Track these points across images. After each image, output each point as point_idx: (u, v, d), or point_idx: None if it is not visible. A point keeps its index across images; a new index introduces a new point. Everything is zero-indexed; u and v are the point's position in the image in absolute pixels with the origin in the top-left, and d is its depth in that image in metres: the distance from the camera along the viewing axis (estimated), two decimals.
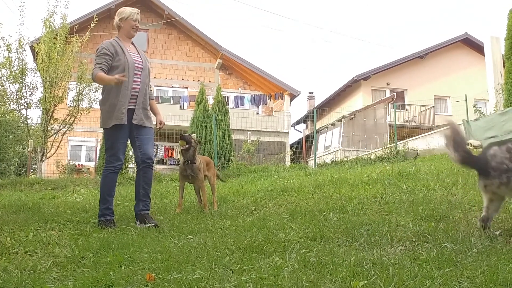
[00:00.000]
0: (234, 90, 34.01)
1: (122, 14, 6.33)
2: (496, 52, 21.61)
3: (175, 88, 33.51)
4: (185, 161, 7.35)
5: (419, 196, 6.74)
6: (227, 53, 33.22)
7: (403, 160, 15.38)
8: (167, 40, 34.17)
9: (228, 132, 21.63)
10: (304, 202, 7.37)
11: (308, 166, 17.27)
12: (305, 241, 4.53)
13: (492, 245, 3.99)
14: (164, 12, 32.77)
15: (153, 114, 6.61)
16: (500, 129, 16.57)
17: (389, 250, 4.08)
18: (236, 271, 3.59)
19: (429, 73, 36.18)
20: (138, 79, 6.19)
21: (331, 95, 38.58)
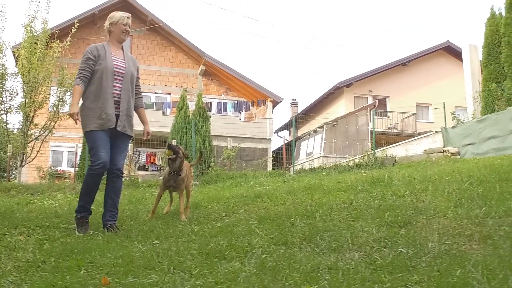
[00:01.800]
0: (217, 96, 34.07)
1: (112, 19, 6.34)
2: (474, 60, 21.88)
3: (158, 94, 33.51)
4: (171, 172, 7.17)
5: (388, 203, 6.81)
6: (210, 59, 33.28)
7: (381, 167, 15.49)
8: (150, 46, 34.17)
9: (209, 138, 21.65)
10: (275, 208, 7.41)
11: (287, 173, 17.32)
12: (268, 246, 4.59)
13: (447, 250, 4.07)
14: (147, 18, 32.79)
15: (141, 122, 6.64)
16: (477, 136, 16.78)
17: (348, 255, 4.15)
18: (194, 275, 3.64)
19: (411, 81, 36.49)
20: (118, 84, 6.14)
21: (313, 102, 38.77)
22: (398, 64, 37.02)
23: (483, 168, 9.78)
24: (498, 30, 20.70)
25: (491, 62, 20.75)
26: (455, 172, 9.72)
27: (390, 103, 36.43)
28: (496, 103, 19.22)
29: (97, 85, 6.02)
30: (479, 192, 6.85)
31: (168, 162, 7.17)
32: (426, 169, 11.66)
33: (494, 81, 20.26)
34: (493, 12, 21.50)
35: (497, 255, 3.78)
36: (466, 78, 22.38)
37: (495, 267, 3.42)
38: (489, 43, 21.02)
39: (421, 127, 32.46)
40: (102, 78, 6.02)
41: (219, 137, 26.23)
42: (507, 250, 3.91)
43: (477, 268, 3.37)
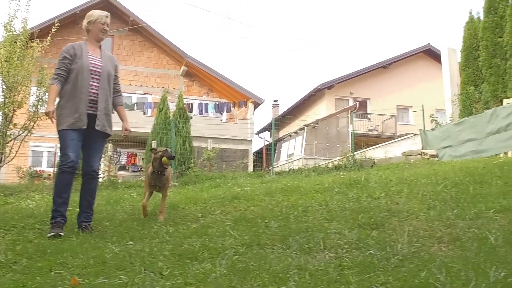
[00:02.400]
0: (199, 97, 34.05)
1: (91, 17, 6.30)
2: (453, 64, 22.10)
3: (139, 95, 33.42)
4: (155, 172, 7.10)
5: (363, 204, 6.86)
6: (192, 60, 33.26)
7: (360, 169, 15.58)
8: (132, 47, 34.08)
9: (189, 139, 21.65)
10: (251, 209, 7.44)
11: (267, 174, 17.39)
12: (240, 247, 4.62)
13: (416, 252, 4.13)
14: (129, 18, 32.70)
15: (120, 120, 6.61)
16: (455, 138, 16.94)
17: (319, 256, 4.20)
18: (165, 276, 3.68)
19: (392, 83, 36.73)
20: (95, 83, 6.11)
21: (295, 104, 38.90)
22: (379, 67, 37.27)
23: (459, 171, 9.89)
24: (476, 34, 20.92)
25: (469, 66, 20.96)
26: (431, 174, 9.82)
27: (371, 105, 36.66)
28: (473, 106, 19.45)
29: (73, 84, 6.00)
30: (452, 194, 6.93)
31: (153, 162, 7.09)
32: (403, 171, 11.76)
33: (472, 84, 20.49)
34: (471, 16, 21.72)
35: (464, 257, 3.84)
36: (445, 81, 22.61)
37: (460, 268, 3.48)
38: (468, 46, 21.23)
39: (402, 129, 32.68)
40: (77, 77, 6.00)
41: (200, 138, 26.22)
42: (474, 252, 3.98)
43: (441, 269, 3.43)
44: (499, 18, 19.90)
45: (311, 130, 29.90)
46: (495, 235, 4.41)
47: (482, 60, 20.08)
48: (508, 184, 7.58)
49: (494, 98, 19.21)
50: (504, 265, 3.46)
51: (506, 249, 3.98)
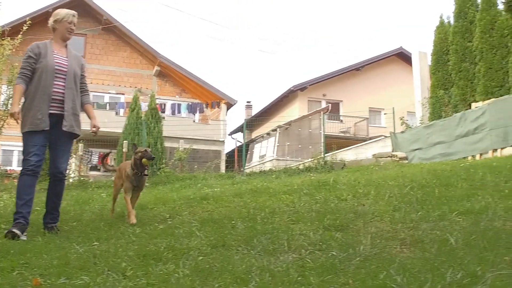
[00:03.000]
0: (171, 98, 33.93)
1: (57, 16, 6.22)
2: (423, 67, 22.38)
3: (112, 94, 33.22)
4: (137, 172, 6.94)
5: (330, 206, 6.92)
6: (165, 60, 33.17)
7: (330, 171, 15.66)
8: (105, 46, 33.87)
9: (161, 140, 21.56)
10: (219, 210, 7.46)
11: (237, 175, 17.40)
12: (205, 248, 4.64)
13: (378, 253, 4.19)
14: (102, 17, 32.51)
15: (88, 118, 6.48)
16: (425, 141, 17.14)
17: (282, 258, 4.24)
18: (128, 277, 3.69)
19: (364, 85, 37.00)
20: (61, 83, 6.03)
21: (268, 105, 39.01)
22: (352, 69, 37.55)
23: (426, 173, 10.01)
24: (446, 38, 21.23)
25: (439, 69, 21.25)
26: (399, 176, 9.91)
27: (343, 107, 36.90)
28: (443, 110, 19.71)
29: (36, 84, 5.93)
30: (418, 196, 7.01)
31: (135, 163, 6.91)
32: (372, 173, 11.85)
33: (441, 88, 20.78)
34: (442, 20, 22.01)
35: (423, 259, 3.91)
36: (415, 84, 22.89)
37: (419, 270, 3.54)
38: (438, 50, 21.52)
39: (374, 131, 32.94)
40: (41, 77, 5.93)
41: (172, 138, 26.13)
42: (434, 253, 4.05)
43: (400, 271, 3.49)
44: (469, 23, 20.23)
45: (284, 132, 30.01)
46: (456, 237, 4.48)
47: (451, 64, 20.39)
48: (473, 186, 7.70)
49: (463, 101, 19.51)
50: (461, 266, 3.53)
51: (465, 251, 4.05)
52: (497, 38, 18.61)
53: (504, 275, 3.35)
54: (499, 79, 18.37)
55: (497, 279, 3.26)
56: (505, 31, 18.08)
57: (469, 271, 3.40)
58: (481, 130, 15.18)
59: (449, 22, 21.62)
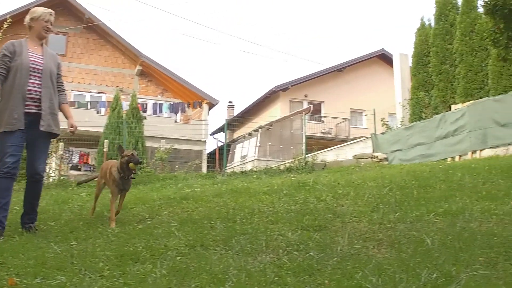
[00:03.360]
0: (153, 97, 33.79)
1: (34, 14, 6.12)
2: (404, 69, 22.52)
3: (93, 93, 33.01)
4: (124, 176, 6.77)
5: (309, 207, 6.95)
6: (147, 60, 33.05)
7: (311, 172, 15.70)
8: (87, 45, 33.65)
9: (142, 139, 21.54)
10: (199, 210, 7.46)
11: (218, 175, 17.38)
12: (184, 248, 4.65)
13: (356, 254, 4.22)
14: (84, 16, 32.28)
15: (65, 118, 6.35)
16: (405, 143, 17.24)
17: (260, 258, 4.25)
18: (105, 276, 3.69)
19: (346, 87, 37.09)
20: (37, 81, 5.94)
21: (250, 105, 39.00)
22: (334, 70, 37.63)
23: (405, 174, 10.09)
24: (427, 40, 21.40)
25: (419, 71, 21.43)
26: (378, 177, 9.98)
27: (325, 108, 36.98)
28: (423, 111, 19.88)
29: (11, 83, 5.81)
30: (397, 197, 7.07)
31: (122, 167, 6.73)
32: (352, 174, 11.93)
33: (422, 89, 20.96)
34: (423, 23, 22.20)
35: (400, 259, 3.94)
36: (396, 86, 23.03)
37: (394, 270, 3.58)
38: (418, 52, 21.70)
39: (355, 132, 33.03)
40: (16, 76, 5.82)
41: (154, 138, 26.08)
42: (410, 254, 4.09)
43: (376, 271, 3.52)
44: (449, 26, 20.41)
45: (265, 132, 30.04)
46: (432, 238, 4.53)
47: (432, 66, 20.58)
48: (451, 188, 7.79)
49: (443, 103, 19.69)
50: (436, 267, 3.57)
51: (441, 251, 4.10)
52: (477, 41, 18.79)
53: (478, 276, 3.39)
54: (479, 82, 18.55)
55: (471, 280, 3.30)
56: (484, 34, 18.25)
57: (444, 272, 3.45)
58: (460, 132, 15.33)
59: (430, 24, 21.82)
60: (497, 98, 14.91)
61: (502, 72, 17.21)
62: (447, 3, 20.88)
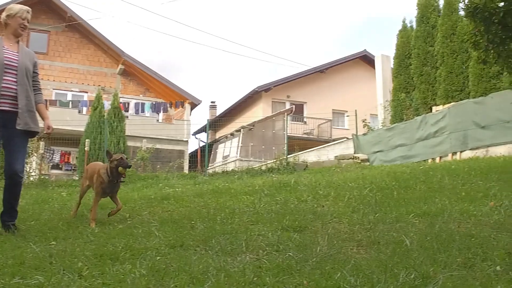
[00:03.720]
0: (135, 97, 33.64)
1: (10, 11, 6.00)
2: (386, 70, 22.64)
3: (75, 92, 32.79)
4: (113, 180, 6.67)
5: (290, 207, 6.99)
6: (129, 59, 32.88)
7: (292, 172, 15.76)
8: (69, 43, 33.39)
9: (123, 139, 21.48)
10: (180, 210, 7.46)
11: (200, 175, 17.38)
12: (164, 248, 4.64)
13: (335, 254, 4.24)
14: (66, 14, 32.03)
15: (41, 119, 6.20)
16: (386, 144, 17.33)
17: (239, 258, 4.25)
18: (84, 276, 3.67)
19: (328, 88, 37.19)
20: (12, 78, 5.83)
21: (232, 105, 38.97)
22: (316, 71, 37.71)
23: (386, 175, 10.15)
24: (409, 42, 21.53)
25: (401, 73, 21.55)
26: (359, 178, 10.04)
27: (307, 109, 37.05)
28: (404, 113, 19.99)
29: None
30: (377, 198, 7.12)
31: (112, 171, 6.62)
32: (333, 175, 11.99)
33: (403, 91, 21.08)
34: (404, 25, 22.32)
35: (378, 260, 3.97)
36: (377, 87, 23.15)
37: (373, 271, 3.60)
38: (400, 54, 21.82)
39: (337, 133, 33.14)
40: None
41: (136, 137, 26.00)
42: (388, 254, 4.12)
43: (354, 272, 3.55)
44: (431, 28, 20.54)
45: (247, 132, 30.05)
46: (411, 239, 4.57)
47: (413, 67, 20.71)
48: (431, 189, 7.85)
49: (424, 105, 19.82)
50: (414, 268, 3.60)
51: (420, 252, 4.13)
52: (458, 43, 18.93)
53: (456, 276, 3.43)
54: (459, 84, 18.69)
55: (448, 280, 3.34)
56: (465, 37, 18.39)
57: (422, 272, 3.48)
58: (441, 133, 15.44)
59: (412, 26, 21.94)
60: (477, 100, 15.03)
61: (482, 75, 17.34)
62: (428, 5, 21.01)
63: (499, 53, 8.61)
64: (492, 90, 16.44)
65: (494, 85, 16.94)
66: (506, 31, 8.25)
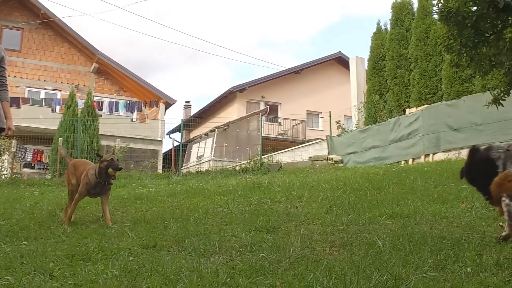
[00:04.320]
0: (109, 95, 33.41)
1: None
2: (360, 72, 22.75)
3: (48, 90, 32.45)
4: (100, 182, 6.46)
5: (263, 208, 6.99)
6: (103, 57, 32.62)
7: (267, 173, 15.78)
8: (42, 41, 33.03)
9: (97, 138, 21.34)
10: (153, 210, 7.44)
11: (174, 175, 17.32)
12: (136, 249, 4.62)
13: (308, 255, 4.25)
14: (40, 11, 31.69)
15: (4, 118, 5.94)
16: (360, 145, 17.42)
17: (213, 259, 4.25)
18: (55, 277, 3.64)
19: (303, 89, 37.26)
20: None
21: (207, 105, 38.88)
22: (291, 72, 37.77)
23: (359, 177, 10.21)
24: (383, 45, 21.64)
25: (375, 75, 21.66)
26: (333, 179, 10.08)
27: (281, 110, 37.10)
28: (378, 115, 20.12)
29: None
30: (350, 200, 7.15)
31: (100, 172, 6.42)
32: (307, 176, 12.02)
33: (377, 93, 21.20)
34: (379, 27, 22.44)
35: (351, 261, 3.98)
36: (352, 89, 23.27)
37: (345, 272, 3.61)
38: (374, 56, 21.93)
39: (311, 134, 33.25)
40: None
41: (109, 136, 25.85)
42: (361, 256, 4.14)
43: (327, 273, 3.56)
44: (405, 31, 20.69)
45: (222, 133, 30.01)
46: (384, 240, 4.59)
47: (387, 70, 20.84)
48: (404, 190, 7.90)
49: (397, 107, 19.96)
50: (387, 269, 3.62)
51: (392, 253, 4.15)
52: (431, 46, 19.08)
53: (428, 278, 3.45)
54: (433, 86, 18.84)
55: (420, 282, 3.36)
56: (438, 40, 18.55)
57: (394, 274, 3.49)
58: (414, 135, 15.57)
59: (386, 29, 22.06)
60: (450, 103, 15.18)
61: (455, 78, 17.50)
62: (403, 8, 21.16)
63: (472, 57, 8.69)
64: (465, 93, 16.61)
65: (466, 88, 17.12)
66: (479, 35, 8.33)
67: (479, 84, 16.13)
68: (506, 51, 8.39)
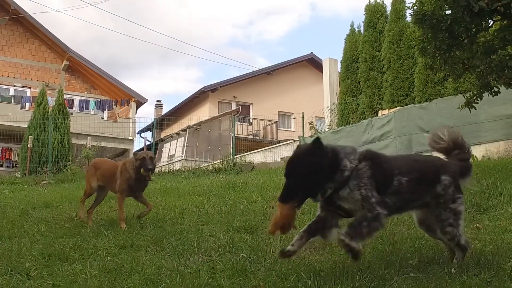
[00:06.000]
0: (80, 94, 33.09)
1: None
2: (333, 74, 22.82)
3: (17, 88, 32.04)
4: (139, 177, 6.29)
5: (239, 208, 6.96)
6: (74, 55, 32.30)
7: (240, 173, 15.75)
8: (12, 37, 32.60)
9: (68, 136, 21.14)
10: (128, 209, 7.34)
11: None
12: (113, 249, 4.57)
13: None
14: (10, 7, 31.28)
15: None
16: None
17: (192, 259, 4.22)
18: (33, 277, 3.58)
19: (275, 89, 37.32)
20: None
21: (178, 105, 38.75)
22: (263, 73, 37.82)
23: None
24: (356, 47, 21.75)
25: (348, 77, 21.76)
26: None
27: (253, 110, 37.11)
28: (351, 116, 20.20)
29: None
30: None
31: (137, 170, 6.24)
32: (281, 176, 11.93)
33: (350, 94, 21.30)
34: (352, 29, 22.54)
35: (332, 262, 3.98)
36: (324, 90, 23.32)
37: (328, 273, 3.60)
38: (348, 58, 22.03)
39: (283, 135, 33.30)
40: None
41: (80, 135, 25.62)
42: (341, 256, 4.13)
43: (310, 273, 3.54)
44: (378, 33, 20.82)
45: (193, 132, 29.88)
46: None
47: (360, 72, 20.95)
48: None
49: (370, 109, 20.07)
50: (369, 270, 3.62)
51: (373, 254, 4.16)
52: (405, 49, 19.22)
53: (411, 278, 3.45)
54: (405, 89, 18.98)
55: (404, 283, 3.36)
56: (412, 43, 18.68)
57: (377, 275, 3.49)
58: (386, 137, 15.65)
59: (360, 31, 22.18)
60: (422, 105, 15.28)
61: (427, 80, 17.65)
62: (376, 11, 21.29)
63: (446, 60, 8.78)
64: (437, 95, 16.75)
65: (438, 91, 17.27)
66: (453, 39, 8.42)
67: (451, 87, 16.27)
68: (480, 55, 8.49)
